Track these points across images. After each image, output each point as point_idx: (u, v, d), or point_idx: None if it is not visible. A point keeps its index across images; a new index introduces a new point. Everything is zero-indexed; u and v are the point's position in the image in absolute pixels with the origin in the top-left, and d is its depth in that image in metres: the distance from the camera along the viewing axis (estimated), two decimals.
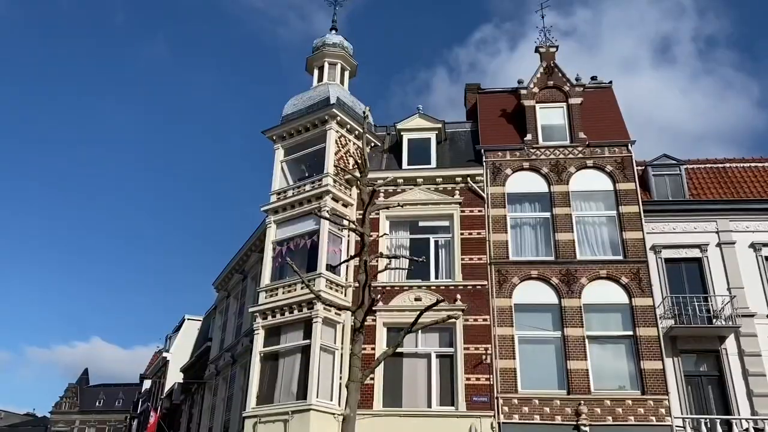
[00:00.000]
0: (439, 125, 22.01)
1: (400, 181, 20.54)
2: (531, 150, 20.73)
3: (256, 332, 19.48)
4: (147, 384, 52.17)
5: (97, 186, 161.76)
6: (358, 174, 15.43)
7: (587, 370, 17.55)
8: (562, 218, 19.58)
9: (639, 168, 20.67)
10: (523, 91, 21.72)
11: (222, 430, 24.23)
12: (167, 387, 41.06)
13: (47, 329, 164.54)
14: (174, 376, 39.79)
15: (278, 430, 17.19)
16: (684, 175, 20.61)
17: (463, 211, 20.00)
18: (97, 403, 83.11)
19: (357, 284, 16.72)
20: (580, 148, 20.55)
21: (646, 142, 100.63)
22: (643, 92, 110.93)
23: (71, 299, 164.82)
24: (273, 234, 20.91)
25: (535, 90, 21.70)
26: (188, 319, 44.53)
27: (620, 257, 18.96)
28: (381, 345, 18.29)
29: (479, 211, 19.98)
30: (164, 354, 45.70)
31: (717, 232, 19.45)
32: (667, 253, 19.26)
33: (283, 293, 19.34)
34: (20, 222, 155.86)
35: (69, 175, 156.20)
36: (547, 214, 19.87)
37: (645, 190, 20.38)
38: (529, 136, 20.93)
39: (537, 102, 21.54)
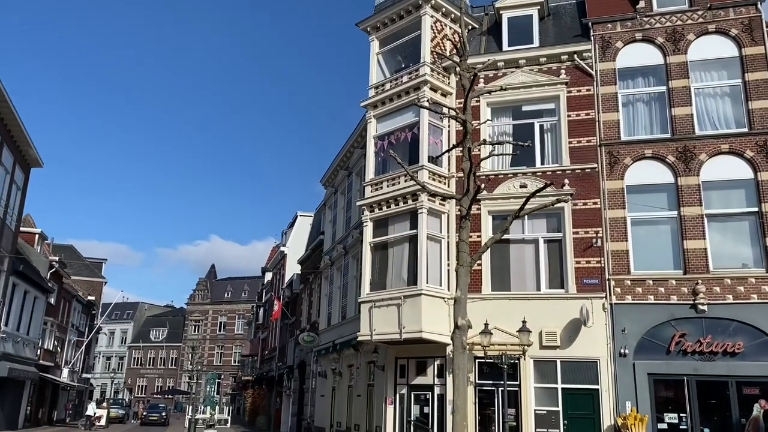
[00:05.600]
0: (542, 0, 20.62)
1: (501, 64, 19.73)
2: (644, 19, 19.06)
3: (364, 224, 20.22)
4: (268, 276, 56.32)
5: (202, 94, 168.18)
6: (457, 59, 14.94)
7: (705, 249, 16.89)
8: (679, 91, 18.20)
9: None
10: None
11: (340, 314, 25.96)
12: (287, 278, 44.17)
13: (171, 231, 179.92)
14: (292, 268, 42.66)
15: (392, 313, 18.17)
16: None
17: (569, 92, 19.05)
18: (225, 295, 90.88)
19: (461, 174, 16.72)
20: (700, 12, 18.64)
21: None
22: None
23: (188, 202, 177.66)
24: (374, 129, 21.08)
25: None
26: (301, 215, 46.94)
27: (745, 129, 17.51)
28: (486, 233, 18.44)
29: (587, 90, 18.95)
30: (282, 248, 48.79)
31: None
32: None
33: (388, 186, 19.75)
34: (140, 132, 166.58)
35: (174, 80, 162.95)
36: (663, 88, 18.52)
37: None
38: (641, 3, 19.17)
39: None
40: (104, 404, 46.34)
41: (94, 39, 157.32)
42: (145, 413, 49.92)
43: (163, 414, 48.78)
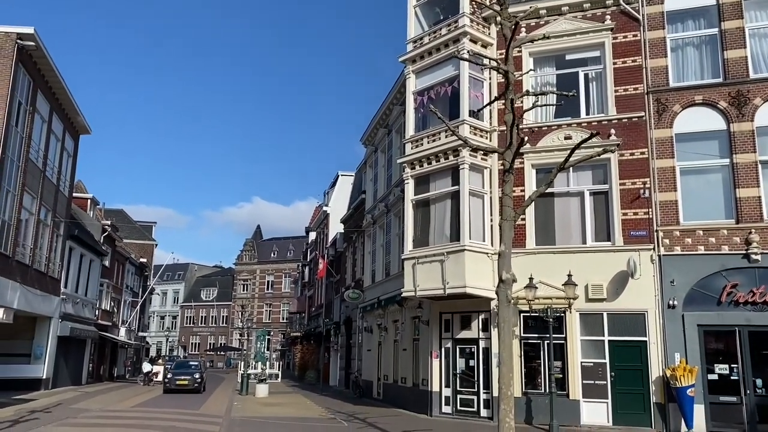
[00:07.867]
0: None
1: (543, 11, 19.08)
2: None
3: (406, 182, 20.18)
4: (312, 236, 57.10)
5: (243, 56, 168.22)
6: (497, 8, 14.50)
7: (759, 197, 16.30)
8: (732, 33, 17.33)
9: None
10: None
11: (384, 271, 26.23)
12: (330, 237, 44.72)
13: (216, 194, 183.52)
14: (335, 227, 43.14)
15: (435, 269, 18.25)
16: None
17: (615, 38, 18.36)
18: (271, 255, 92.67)
19: (503, 127, 16.43)
20: None
21: None
22: None
23: (230, 165, 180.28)
24: (413, 84, 20.81)
25: None
26: (342, 174, 47.17)
27: None
28: (530, 186, 18.19)
29: (634, 35, 18.23)
30: (324, 208, 49.28)
31: None
32: None
33: (428, 143, 19.58)
34: (175, 97, 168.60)
35: (215, 40, 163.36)
36: (715, 30, 17.66)
37: None
38: None
39: None
40: (159, 361, 48.28)
41: None
42: (169, 376, 32.10)
43: (197, 377, 31.36)
